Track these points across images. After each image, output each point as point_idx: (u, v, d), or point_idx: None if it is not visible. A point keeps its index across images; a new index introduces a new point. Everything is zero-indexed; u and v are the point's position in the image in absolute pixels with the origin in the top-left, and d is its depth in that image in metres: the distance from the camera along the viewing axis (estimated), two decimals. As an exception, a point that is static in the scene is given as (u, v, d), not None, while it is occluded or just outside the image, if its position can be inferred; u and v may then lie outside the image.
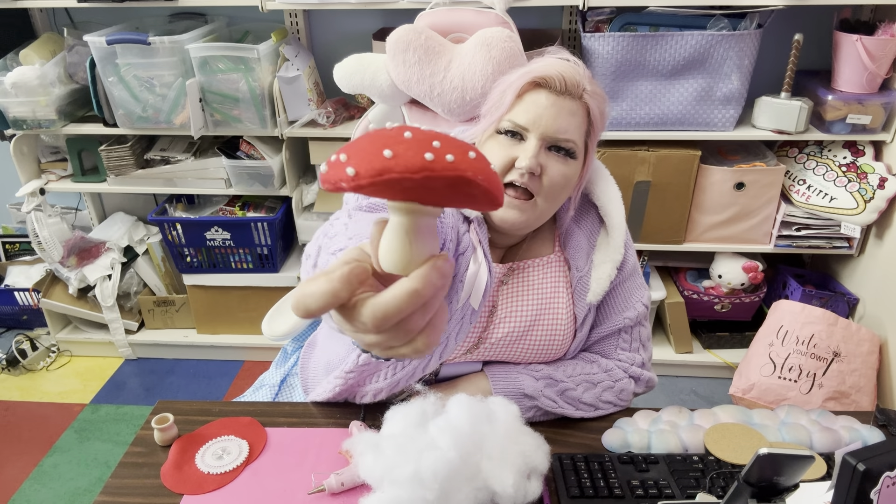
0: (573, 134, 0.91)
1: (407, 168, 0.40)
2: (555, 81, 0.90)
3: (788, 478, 0.70)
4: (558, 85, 0.90)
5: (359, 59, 1.37)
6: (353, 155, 0.41)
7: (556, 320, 1.01)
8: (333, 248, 0.72)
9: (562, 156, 0.91)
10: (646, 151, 1.92)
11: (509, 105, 0.92)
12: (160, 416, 0.97)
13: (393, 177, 0.40)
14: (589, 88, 0.92)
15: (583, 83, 0.91)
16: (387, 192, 0.41)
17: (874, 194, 1.86)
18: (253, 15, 2.16)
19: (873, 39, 1.76)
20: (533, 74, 0.90)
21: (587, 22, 1.85)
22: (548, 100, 0.90)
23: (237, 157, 2.10)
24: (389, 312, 0.43)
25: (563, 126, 0.90)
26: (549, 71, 0.90)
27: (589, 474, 0.88)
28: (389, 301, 0.43)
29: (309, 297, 0.43)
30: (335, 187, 0.42)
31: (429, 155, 0.40)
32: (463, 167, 0.41)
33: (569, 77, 0.90)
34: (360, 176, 0.40)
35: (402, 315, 0.43)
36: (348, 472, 0.88)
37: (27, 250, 2.61)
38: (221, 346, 2.36)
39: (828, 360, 1.83)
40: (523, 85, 0.91)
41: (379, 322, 0.43)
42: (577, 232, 1.02)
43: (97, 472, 1.92)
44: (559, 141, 0.90)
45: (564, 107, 0.90)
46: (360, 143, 0.42)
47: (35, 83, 1.97)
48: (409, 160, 0.40)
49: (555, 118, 0.89)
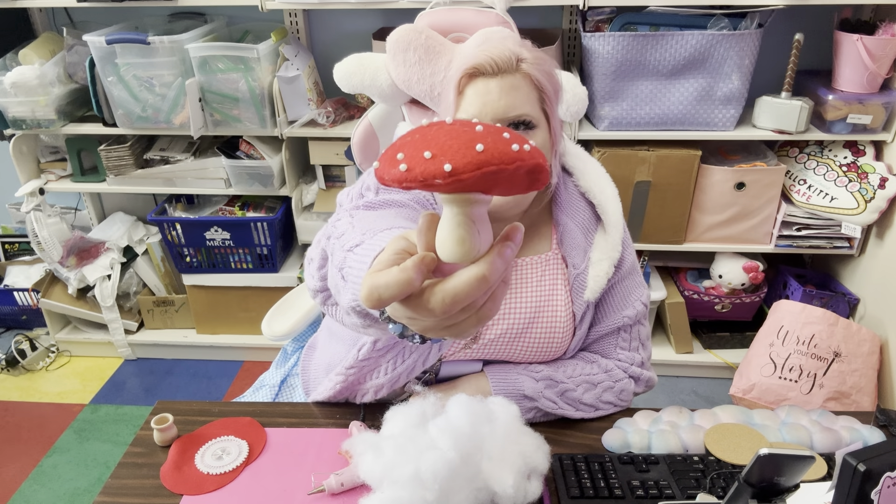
0: (522, 107, 0.90)
1: (502, 160, 0.42)
2: (486, 66, 0.89)
3: (789, 478, 0.70)
4: (490, 68, 0.89)
5: (359, 59, 1.37)
6: (441, 151, 0.42)
7: (554, 318, 1.01)
8: (348, 244, 0.71)
9: (521, 131, 0.91)
10: (646, 151, 1.92)
11: (455, 104, 0.92)
12: (160, 417, 0.97)
13: (491, 169, 0.41)
14: (528, 56, 0.91)
15: (514, 56, 0.90)
16: (478, 184, 0.43)
17: (875, 194, 1.86)
18: (253, 14, 2.15)
19: (874, 39, 1.76)
20: (463, 68, 0.90)
21: (587, 21, 1.85)
22: (486, 86, 0.89)
23: (237, 157, 2.09)
24: (459, 298, 0.45)
25: (510, 104, 0.89)
26: (478, 58, 0.89)
27: (589, 475, 0.88)
28: (459, 287, 0.45)
29: (382, 288, 0.46)
30: (426, 184, 0.42)
31: (515, 146, 0.42)
32: (538, 155, 0.44)
33: (498, 56, 0.89)
34: (458, 171, 0.41)
35: (470, 300, 0.46)
36: (348, 472, 0.87)
37: (27, 250, 2.61)
38: (221, 346, 2.36)
39: (828, 361, 1.83)
40: (460, 80, 0.91)
41: (448, 307, 0.46)
42: (574, 229, 1.02)
43: (96, 473, 1.92)
44: (511, 119, 0.90)
45: (505, 85, 0.89)
46: (439, 139, 0.43)
47: (34, 83, 1.97)
48: (502, 152, 0.42)
49: (498, 100, 0.89)
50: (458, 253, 0.45)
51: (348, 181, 2.13)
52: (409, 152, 0.43)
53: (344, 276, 0.70)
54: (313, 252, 0.88)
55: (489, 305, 0.48)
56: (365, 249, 0.66)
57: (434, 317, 0.47)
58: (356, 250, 0.69)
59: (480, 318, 0.49)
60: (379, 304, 0.47)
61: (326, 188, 2.16)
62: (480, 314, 0.48)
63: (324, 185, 2.15)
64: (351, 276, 0.68)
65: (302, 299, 1.38)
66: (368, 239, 0.69)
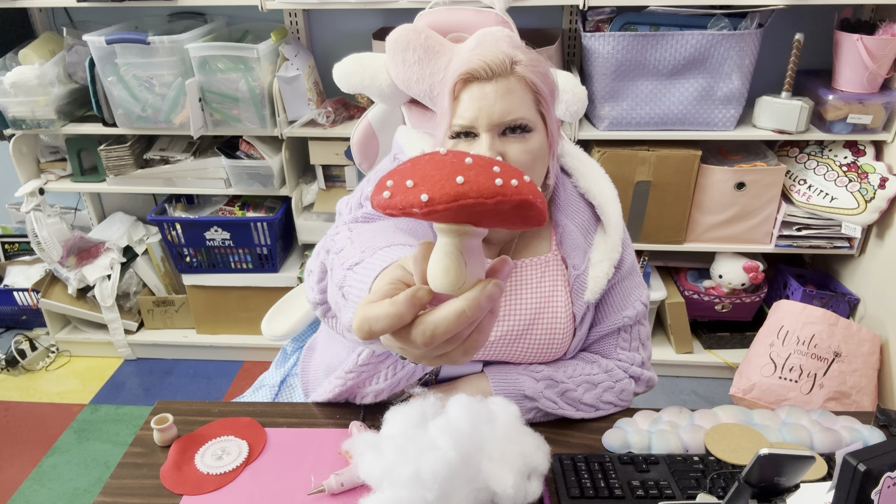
0: (519, 111, 0.89)
1: (481, 194, 0.42)
2: (480, 71, 0.89)
3: (789, 478, 0.70)
4: (484, 72, 0.89)
5: (358, 59, 1.37)
6: (421, 181, 0.43)
7: (554, 319, 1.01)
8: (348, 262, 0.72)
9: (518, 134, 0.90)
10: (646, 151, 1.92)
11: (450, 109, 0.92)
12: (160, 417, 0.97)
13: (468, 202, 0.42)
14: (522, 58, 0.90)
15: (508, 59, 0.90)
16: (457, 216, 0.43)
17: (875, 194, 1.86)
18: (253, 14, 2.15)
19: (874, 39, 1.76)
20: (458, 73, 0.90)
21: (587, 21, 1.85)
22: (481, 90, 0.89)
23: (237, 157, 2.09)
24: (438, 333, 0.46)
25: (506, 108, 0.89)
26: (472, 63, 0.89)
27: (589, 475, 0.88)
28: (439, 322, 0.46)
29: (373, 321, 0.47)
30: (405, 212, 0.43)
31: (498, 181, 0.42)
32: (526, 191, 0.43)
33: (491, 60, 0.89)
34: (434, 202, 0.42)
35: (450, 334, 0.46)
36: (348, 472, 0.87)
37: (26, 250, 2.61)
38: (221, 346, 2.36)
39: (828, 361, 1.83)
40: (455, 85, 0.91)
41: (428, 341, 0.46)
42: (574, 230, 1.02)
43: (96, 473, 1.91)
44: (508, 123, 0.89)
45: (499, 89, 0.89)
46: (424, 169, 0.43)
47: (34, 83, 1.97)
48: (482, 186, 0.42)
49: (494, 104, 0.88)
50: (443, 283, 0.46)
51: (348, 181, 2.13)
52: (396, 180, 0.44)
53: (344, 294, 0.71)
54: (312, 264, 0.88)
55: (475, 336, 0.49)
56: (365, 269, 0.67)
57: (419, 349, 0.48)
58: (356, 269, 0.69)
59: (467, 348, 0.49)
60: (370, 335, 0.48)
61: (326, 188, 2.16)
62: (467, 345, 0.49)
63: (324, 185, 2.15)
64: (351, 296, 0.68)
65: (302, 299, 1.38)
66: (368, 257, 0.69)
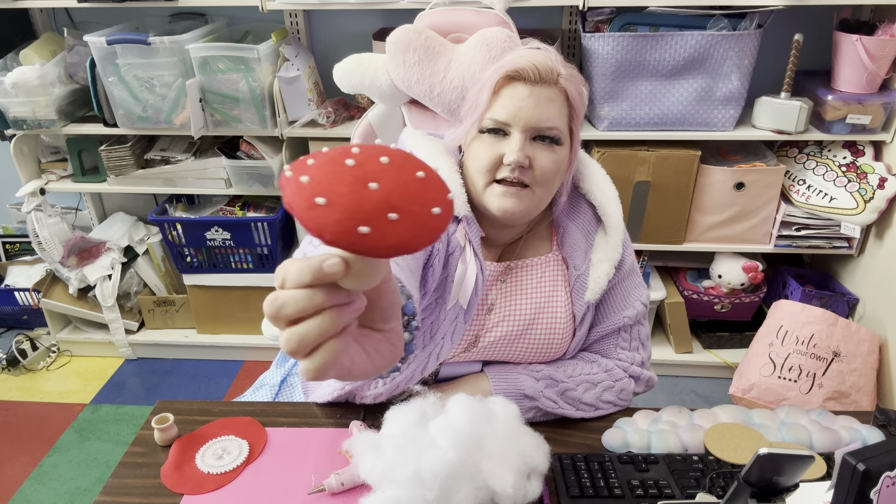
0: (555, 121, 0.90)
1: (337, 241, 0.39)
2: (528, 72, 0.89)
3: (788, 478, 0.70)
4: (532, 75, 0.89)
5: (358, 59, 1.37)
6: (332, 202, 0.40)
7: (554, 319, 1.01)
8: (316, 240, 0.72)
9: (547, 144, 0.91)
10: (646, 151, 1.92)
11: (487, 103, 0.91)
12: (160, 416, 0.97)
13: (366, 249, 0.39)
14: (564, 72, 0.91)
15: (556, 68, 0.90)
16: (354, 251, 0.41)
17: (874, 194, 1.86)
18: (253, 15, 2.16)
19: (873, 39, 1.76)
20: (506, 69, 0.89)
21: (587, 22, 1.85)
22: (524, 91, 0.89)
23: (237, 157, 2.10)
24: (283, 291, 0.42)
25: (544, 115, 0.89)
26: (521, 62, 0.89)
27: (589, 474, 0.88)
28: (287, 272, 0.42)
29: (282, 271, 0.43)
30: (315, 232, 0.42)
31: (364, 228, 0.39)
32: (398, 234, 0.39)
33: (541, 65, 0.89)
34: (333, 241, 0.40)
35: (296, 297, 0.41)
36: (348, 472, 0.88)
37: (27, 250, 2.61)
38: (221, 346, 2.36)
39: (828, 360, 1.83)
40: (498, 80, 0.90)
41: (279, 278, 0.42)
42: (575, 231, 1.02)
43: (97, 472, 1.92)
44: (542, 130, 0.90)
45: (542, 95, 0.89)
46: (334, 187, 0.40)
47: (35, 83, 1.97)
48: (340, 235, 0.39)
49: (534, 108, 0.88)
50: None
51: (348, 181, 2.13)
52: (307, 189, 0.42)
53: None
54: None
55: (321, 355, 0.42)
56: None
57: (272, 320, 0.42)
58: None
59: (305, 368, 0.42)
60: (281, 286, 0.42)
61: (326, 188, 2.16)
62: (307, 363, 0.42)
63: (324, 186, 2.15)
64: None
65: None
66: None
